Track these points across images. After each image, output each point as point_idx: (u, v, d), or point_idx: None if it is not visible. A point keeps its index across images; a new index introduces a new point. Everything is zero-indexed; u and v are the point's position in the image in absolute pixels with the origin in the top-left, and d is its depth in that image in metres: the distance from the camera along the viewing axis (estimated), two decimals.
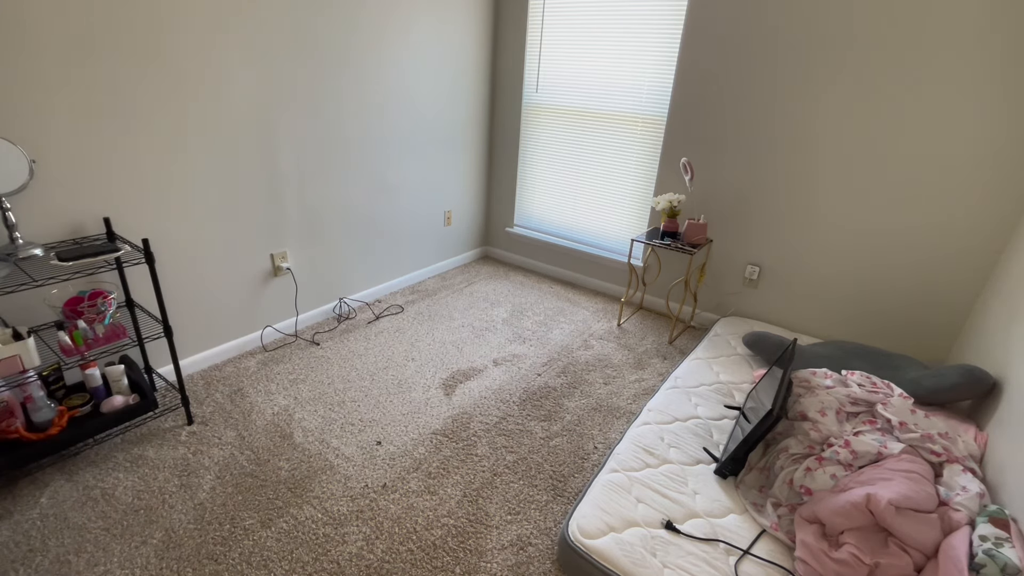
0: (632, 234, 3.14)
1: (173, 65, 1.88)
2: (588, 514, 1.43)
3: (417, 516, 1.63)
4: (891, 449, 1.47)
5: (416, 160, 3.03)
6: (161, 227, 2.00)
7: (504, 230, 3.75)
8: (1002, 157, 2.03)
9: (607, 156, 3.10)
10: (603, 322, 2.97)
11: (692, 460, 1.69)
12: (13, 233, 1.58)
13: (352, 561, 1.47)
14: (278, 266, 2.47)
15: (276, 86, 2.21)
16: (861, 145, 2.29)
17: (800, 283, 2.63)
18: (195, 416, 2.00)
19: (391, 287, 3.17)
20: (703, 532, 1.40)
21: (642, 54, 2.79)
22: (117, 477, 1.70)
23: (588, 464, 1.88)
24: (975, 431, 1.65)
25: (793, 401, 1.77)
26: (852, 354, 2.11)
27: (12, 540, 1.46)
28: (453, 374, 2.38)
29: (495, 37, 3.30)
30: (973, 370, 1.75)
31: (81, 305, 1.67)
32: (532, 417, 2.12)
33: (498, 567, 1.47)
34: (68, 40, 1.62)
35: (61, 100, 1.65)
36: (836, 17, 2.20)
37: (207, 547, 1.49)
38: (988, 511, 1.26)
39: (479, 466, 1.84)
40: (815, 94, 2.33)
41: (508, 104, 3.39)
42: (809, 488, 1.44)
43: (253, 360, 2.39)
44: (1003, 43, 1.93)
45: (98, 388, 1.81)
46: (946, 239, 2.22)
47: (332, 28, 2.35)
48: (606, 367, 2.51)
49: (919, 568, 1.22)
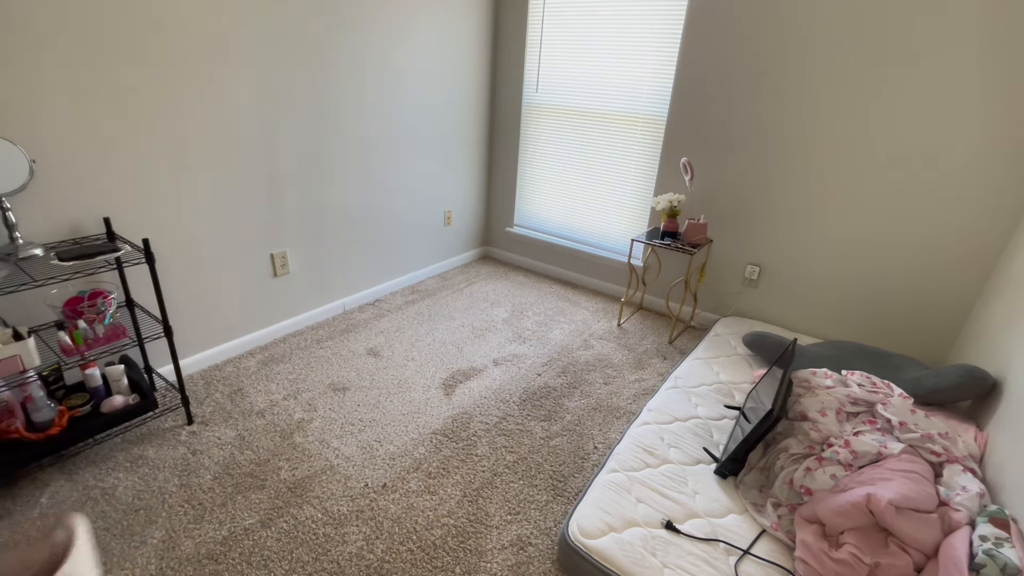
0: (632, 234, 3.14)
1: (173, 65, 1.88)
2: (588, 514, 1.43)
3: (417, 516, 1.63)
4: (891, 449, 1.47)
5: (416, 160, 3.04)
6: (161, 227, 2.00)
7: (504, 230, 3.75)
8: (1002, 157, 2.03)
9: (607, 156, 3.10)
10: (603, 322, 2.97)
11: (692, 460, 1.69)
12: (13, 233, 1.58)
13: (352, 561, 1.47)
14: (278, 266, 2.47)
15: (276, 86, 2.21)
16: (861, 145, 2.29)
17: (800, 283, 2.63)
18: (195, 416, 2.00)
19: (391, 287, 3.17)
20: (703, 532, 1.40)
21: (642, 54, 2.79)
22: (117, 477, 1.70)
23: (588, 464, 1.88)
24: (975, 431, 1.65)
25: (793, 401, 1.77)
26: (852, 354, 2.11)
27: (12, 540, 1.46)
28: (453, 374, 2.38)
29: (495, 37, 3.30)
30: (973, 370, 1.75)
31: (81, 305, 1.66)
32: (532, 417, 2.12)
33: (498, 567, 1.47)
34: (68, 40, 1.62)
35: (61, 100, 1.65)
36: (837, 17, 2.20)
37: (207, 547, 1.49)
38: (988, 511, 1.26)
39: (479, 466, 1.84)
40: (815, 94, 2.33)
41: (508, 104, 3.39)
42: (809, 488, 1.44)
43: (253, 360, 2.39)
44: (1003, 43, 1.93)
45: (98, 388, 1.81)
46: (946, 239, 2.22)
47: (332, 28, 2.35)
48: (606, 367, 2.51)
49: (919, 568, 1.22)
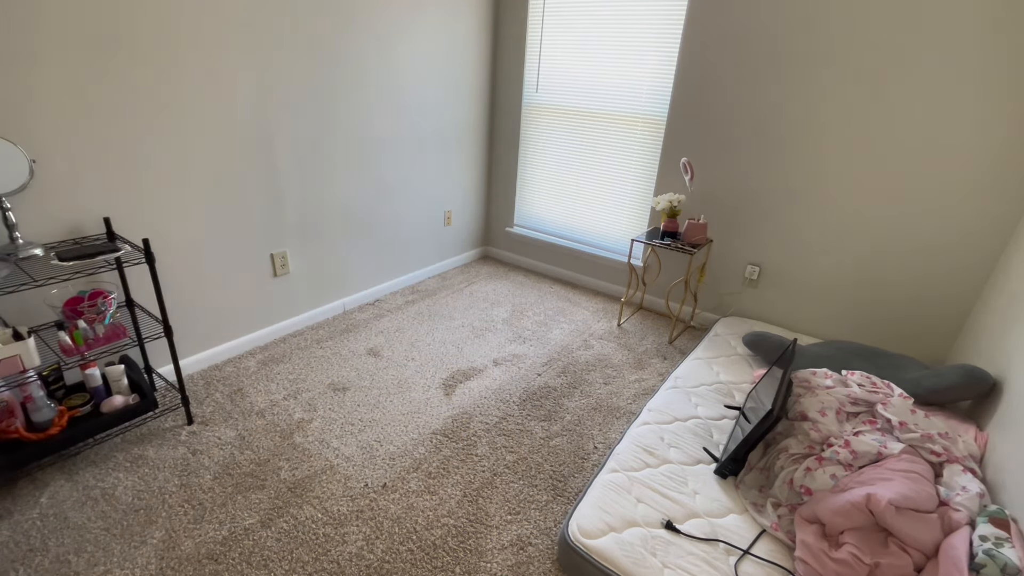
0: (632, 234, 3.14)
1: (173, 65, 1.88)
2: (588, 514, 1.43)
3: (417, 516, 1.63)
4: (891, 449, 1.47)
5: (416, 160, 3.03)
6: (161, 227, 2.00)
7: (504, 230, 3.75)
8: (1002, 157, 2.03)
9: (607, 156, 3.10)
10: (603, 322, 2.97)
11: (692, 460, 1.69)
12: (13, 233, 1.58)
13: (352, 561, 1.47)
14: (278, 266, 2.47)
15: (276, 86, 2.21)
16: (861, 145, 2.29)
17: (800, 283, 2.63)
18: (195, 416, 2.00)
19: (391, 287, 3.17)
20: (703, 532, 1.40)
21: (642, 54, 2.79)
22: (117, 477, 1.70)
23: (588, 464, 1.88)
24: (975, 431, 1.65)
25: (793, 401, 1.77)
26: (852, 354, 2.11)
27: (12, 540, 1.46)
28: (453, 374, 2.38)
29: (495, 37, 3.30)
30: (973, 370, 1.75)
31: (81, 305, 1.66)
32: (532, 417, 2.12)
33: (498, 567, 1.47)
34: (68, 41, 1.62)
35: (61, 100, 1.65)
36: (836, 16, 2.20)
37: (207, 547, 1.49)
38: (988, 511, 1.26)
39: (479, 466, 1.84)
40: (815, 93, 2.33)
41: (508, 104, 3.39)
42: (809, 488, 1.44)
43: (253, 360, 2.39)
44: (1006, 42, 1.93)
45: (98, 388, 1.81)
46: (946, 239, 2.22)
47: (333, 28, 2.35)
48: (606, 367, 2.51)
49: (919, 568, 1.21)
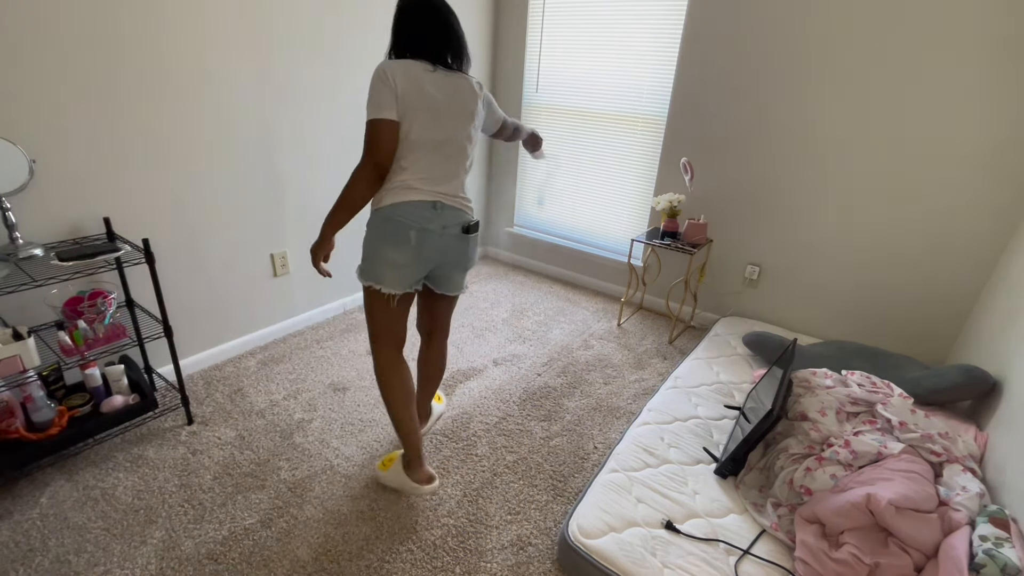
0: (632, 234, 3.14)
1: (173, 65, 1.88)
2: (588, 514, 1.43)
3: (417, 516, 1.63)
4: (891, 449, 1.47)
5: None
6: (161, 227, 2.00)
7: (504, 230, 3.75)
8: (1003, 157, 2.03)
9: (607, 156, 3.10)
10: (603, 322, 2.97)
11: (692, 460, 1.69)
12: (13, 233, 1.58)
13: (352, 561, 1.47)
14: (278, 266, 2.47)
15: (277, 86, 2.21)
16: (861, 145, 2.29)
17: (800, 283, 2.63)
18: (195, 416, 2.00)
19: None
20: (703, 532, 1.40)
21: (642, 54, 2.79)
22: (117, 477, 1.70)
23: (588, 464, 1.88)
24: (975, 431, 1.65)
25: (793, 401, 1.77)
26: (852, 354, 2.11)
27: (12, 540, 1.46)
28: (453, 374, 2.38)
29: (495, 37, 3.30)
30: (973, 370, 1.75)
31: (81, 305, 1.66)
32: (532, 417, 2.12)
33: (498, 567, 1.47)
34: (68, 40, 1.62)
35: (61, 100, 1.65)
36: (836, 16, 2.20)
37: (207, 547, 1.49)
38: (988, 511, 1.26)
39: (479, 466, 1.84)
40: (816, 94, 2.33)
41: (508, 104, 3.39)
42: (809, 488, 1.44)
43: (253, 360, 2.39)
44: (1004, 42, 1.93)
45: (98, 388, 1.81)
46: (946, 239, 2.22)
47: (332, 28, 2.35)
48: (606, 367, 2.51)
49: (919, 568, 1.21)
